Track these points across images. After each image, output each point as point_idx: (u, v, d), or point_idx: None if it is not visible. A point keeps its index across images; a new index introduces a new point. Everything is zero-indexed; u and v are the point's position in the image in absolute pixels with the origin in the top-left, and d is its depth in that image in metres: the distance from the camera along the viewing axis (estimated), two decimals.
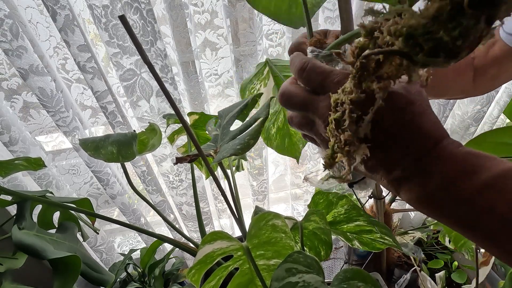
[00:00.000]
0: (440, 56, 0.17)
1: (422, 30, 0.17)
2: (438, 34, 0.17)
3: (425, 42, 0.17)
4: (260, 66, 0.62)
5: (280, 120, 0.62)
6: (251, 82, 0.63)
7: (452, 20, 0.16)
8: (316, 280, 0.32)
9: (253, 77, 0.63)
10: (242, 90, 0.64)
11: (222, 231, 0.43)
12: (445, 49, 0.17)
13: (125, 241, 1.22)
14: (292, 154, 0.66)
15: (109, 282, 0.53)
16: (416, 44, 0.18)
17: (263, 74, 0.62)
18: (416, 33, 0.17)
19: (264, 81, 0.62)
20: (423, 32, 0.17)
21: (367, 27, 0.20)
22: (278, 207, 1.31)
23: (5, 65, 0.73)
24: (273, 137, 0.64)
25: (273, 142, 0.65)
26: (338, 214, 0.60)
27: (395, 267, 0.98)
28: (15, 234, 0.43)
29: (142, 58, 0.31)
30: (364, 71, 0.21)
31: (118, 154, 0.49)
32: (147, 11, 0.66)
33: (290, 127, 0.31)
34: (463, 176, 0.20)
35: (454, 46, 0.17)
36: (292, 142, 0.65)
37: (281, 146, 0.65)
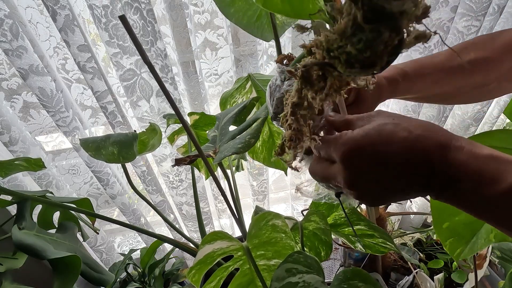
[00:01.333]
0: (355, 67, 0.19)
1: (335, 44, 0.19)
2: (347, 48, 0.18)
3: (340, 55, 0.19)
4: (242, 80, 0.62)
5: (265, 132, 0.62)
6: (232, 96, 0.63)
7: (354, 35, 0.18)
8: (316, 280, 0.32)
9: (234, 91, 0.63)
10: (222, 104, 0.64)
11: (222, 231, 0.43)
12: (357, 60, 0.18)
13: (125, 241, 1.22)
14: (280, 166, 0.66)
15: (109, 282, 0.52)
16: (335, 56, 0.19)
17: (245, 88, 0.63)
18: (331, 47, 0.19)
19: (246, 95, 0.63)
20: (336, 47, 0.19)
21: (308, 46, 0.22)
22: (278, 207, 1.31)
23: (5, 65, 0.73)
24: (259, 150, 0.64)
25: (260, 155, 0.65)
26: (339, 217, 0.60)
27: (391, 271, 0.98)
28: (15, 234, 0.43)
29: (142, 58, 0.31)
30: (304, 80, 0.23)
31: (119, 154, 0.49)
32: (147, 11, 0.66)
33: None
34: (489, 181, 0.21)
35: (363, 57, 0.18)
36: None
37: (268, 159, 0.65)
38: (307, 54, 0.23)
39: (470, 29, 0.78)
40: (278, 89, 0.31)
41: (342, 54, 0.19)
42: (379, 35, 0.17)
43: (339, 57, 0.19)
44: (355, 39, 0.18)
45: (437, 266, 1.01)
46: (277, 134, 0.63)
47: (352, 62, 0.19)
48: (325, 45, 0.20)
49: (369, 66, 0.18)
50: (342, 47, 0.19)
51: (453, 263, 1.01)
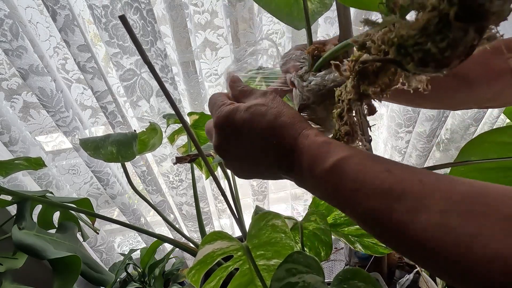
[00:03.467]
0: (429, 66, 0.18)
1: (412, 41, 0.18)
2: (426, 46, 0.17)
3: (415, 52, 0.18)
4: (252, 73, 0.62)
5: None
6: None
7: (439, 33, 0.17)
8: (316, 280, 0.32)
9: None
10: None
11: (222, 231, 0.43)
12: (434, 59, 0.17)
13: (125, 241, 1.22)
14: None
15: (109, 282, 0.53)
16: (407, 53, 0.18)
17: (255, 81, 0.62)
18: (406, 43, 0.18)
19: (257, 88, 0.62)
20: (413, 43, 0.18)
21: (359, 41, 0.22)
22: (278, 207, 1.31)
23: (5, 65, 0.73)
24: None
25: None
26: (339, 216, 0.60)
27: (396, 269, 0.98)
28: (15, 234, 0.43)
29: (142, 58, 0.31)
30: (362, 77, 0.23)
31: (118, 154, 0.49)
32: (147, 11, 0.66)
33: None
34: (317, 162, 0.24)
35: (442, 57, 0.17)
36: None
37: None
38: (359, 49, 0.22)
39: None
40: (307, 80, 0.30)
41: (417, 52, 0.18)
42: (465, 34, 0.16)
43: (413, 54, 0.18)
44: (438, 37, 0.17)
45: None
46: None
47: (428, 61, 0.18)
48: (396, 40, 0.18)
49: (443, 66, 0.18)
50: (419, 44, 0.17)
51: None
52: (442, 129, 1.04)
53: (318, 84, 0.29)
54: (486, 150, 0.32)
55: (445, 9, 0.16)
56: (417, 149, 1.04)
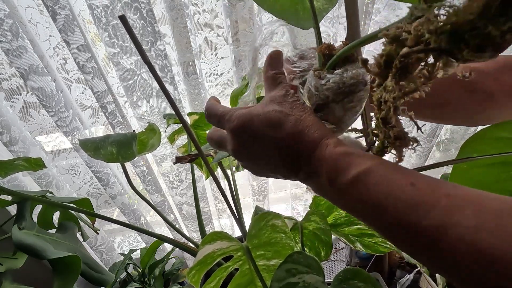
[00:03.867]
0: (486, 51, 0.17)
1: (468, 26, 0.17)
2: (486, 29, 0.16)
3: (472, 38, 0.17)
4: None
5: None
6: (243, 93, 0.63)
7: (502, 15, 0.16)
8: (316, 280, 0.32)
9: (244, 88, 0.62)
10: (232, 101, 0.64)
11: (222, 231, 0.43)
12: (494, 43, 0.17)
13: (125, 241, 1.22)
14: None
15: (109, 282, 0.52)
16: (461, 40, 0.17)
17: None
18: (461, 30, 0.17)
19: (256, 90, 0.62)
20: (469, 29, 0.17)
21: (390, 34, 0.21)
22: (278, 207, 1.31)
23: (5, 65, 0.73)
24: None
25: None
26: (339, 216, 0.60)
27: (397, 269, 0.98)
28: (15, 234, 0.43)
29: (142, 58, 0.31)
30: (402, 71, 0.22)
31: (118, 154, 0.49)
32: (147, 11, 0.66)
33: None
34: (338, 174, 0.23)
35: (502, 40, 0.16)
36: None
37: None
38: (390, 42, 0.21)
39: None
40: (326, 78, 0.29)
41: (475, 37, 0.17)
42: None
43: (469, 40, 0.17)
44: (502, 18, 0.16)
45: None
46: None
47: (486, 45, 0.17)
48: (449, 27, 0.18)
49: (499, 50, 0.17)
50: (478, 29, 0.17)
51: None
52: (442, 129, 1.04)
53: (337, 82, 0.28)
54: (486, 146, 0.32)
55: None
56: (417, 149, 1.04)
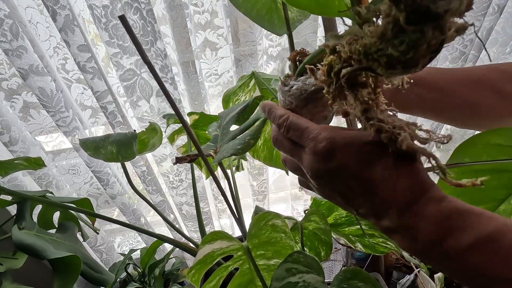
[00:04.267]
0: (397, 68, 0.18)
1: (374, 48, 0.18)
2: (388, 51, 0.18)
3: (380, 57, 0.18)
4: (245, 78, 0.62)
5: (267, 131, 0.62)
6: (235, 94, 0.63)
7: (396, 37, 0.17)
8: (316, 280, 0.32)
9: (237, 89, 0.62)
10: (224, 101, 0.64)
11: (222, 231, 0.43)
12: (399, 62, 0.18)
13: (125, 241, 1.22)
14: (280, 165, 0.65)
15: (109, 282, 0.52)
16: (374, 59, 0.19)
17: (249, 86, 0.62)
18: (370, 51, 0.19)
19: (249, 93, 0.63)
20: (375, 50, 0.18)
21: (330, 45, 0.22)
22: (278, 207, 1.31)
23: (5, 65, 0.73)
24: (260, 149, 0.64)
25: (260, 154, 0.64)
26: (339, 216, 0.60)
27: (393, 270, 0.98)
28: (15, 234, 0.43)
29: (142, 58, 0.31)
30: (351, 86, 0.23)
31: (118, 154, 0.49)
32: (147, 11, 0.66)
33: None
34: (449, 236, 0.20)
35: (405, 59, 0.17)
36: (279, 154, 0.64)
37: (269, 157, 0.64)
38: (330, 53, 0.23)
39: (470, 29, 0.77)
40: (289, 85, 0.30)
41: (382, 57, 0.18)
42: (422, 35, 0.16)
43: (379, 60, 0.19)
44: (396, 41, 0.17)
45: None
46: None
47: (394, 64, 0.18)
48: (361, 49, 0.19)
49: (411, 66, 0.18)
50: (382, 50, 0.18)
51: None
52: (442, 129, 1.04)
53: (299, 88, 0.29)
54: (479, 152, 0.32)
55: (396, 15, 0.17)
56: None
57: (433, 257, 0.21)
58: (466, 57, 0.83)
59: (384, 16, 0.17)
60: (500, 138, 0.31)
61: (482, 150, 0.32)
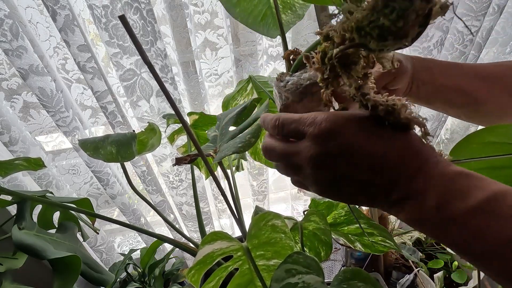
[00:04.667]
0: (388, 39, 0.19)
1: (367, 21, 0.19)
2: (379, 21, 0.19)
3: (372, 30, 0.19)
4: (243, 83, 0.63)
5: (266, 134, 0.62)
6: (234, 98, 0.63)
7: (387, 6, 0.18)
8: (316, 280, 0.31)
9: (236, 93, 0.63)
10: (224, 106, 0.64)
11: (222, 231, 0.43)
12: (390, 32, 0.19)
13: (125, 241, 1.22)
14: None
15: (109, 282, 0.52)
16: (366, 34, 0.20)
17: (247, 90, 0.63)
18: (362, 25, 0.20)
19: (247, 97, 0.63)
20: (368, 23, 0.19)
21: (323, 32, 0.23)
22: (278, 207, 1.31)
23: (5, 65, 0.73)
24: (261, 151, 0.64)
25: (261, 156, 0.65)
26: (338, 215, 0.60)
27: (392, 269, 0.98)
28: (15, 234, 0.43)
29: (142, 58, 0.31)
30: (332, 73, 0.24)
31: (117, 154, 0.49)
32: (147, 11, 0.66)
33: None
34: (455, 197, 0.20)
35: (396, 28, 0.19)
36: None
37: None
38: (323, 40, 0.23)
39: (470, 28, 0.77)
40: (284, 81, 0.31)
41: (374, 29, 0.19)
42: (411, 3, 0.18)
43: (371, 33, 0.19)
44: (387, 10, 0.18)
45: (437, 266, 1.01)
46: None
47: (385, 35, 0.19)
48: (354, 25, 0.20)
49: (402, 37, 0.19)
50: (374, 22, 0.19)
51: (453, 263, 1.01)
52: (442, 129, 1.04)
53: (294, 83, 0.30)
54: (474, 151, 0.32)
55: None
56: None
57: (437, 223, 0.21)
58: (466, 57, 0.83)
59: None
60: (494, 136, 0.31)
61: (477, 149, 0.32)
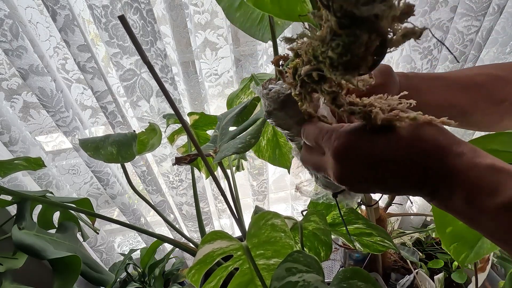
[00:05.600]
0: (339, 69, 0.19)
1: (319, 50, 0.20)
2: (328, 53, 0.19)
3: (324, 59, 0.20)
4: (246, 81, 0.63)
5: (269, 131, 0.63)
6: (238, 97, 0.64)
7: (332, 40, 0.18)
8: (316, 279, 0.32)
9: (240, 92, 0.64)
10: (228, 104, 0.65)
11: (222, 231, 0.43)
12: (339, 63, 0.19)
13: (125, 241, 1.22)
14: (283, 164, 0.66)
15: (109, 282, 0.53)
16: (320, 61, 0.20)
17: (250, 89, 0.64)
18: (317, 53, 0.20)
19: (251, 95, 0.64)
20: (320, 52, 0.20)
21: (295, 49, 0.23)
22: (278, 207, 1.31)
23: (5, 65, 0.73)
24: (264, 149, 0.65)
25: (265, 154, 0.65)
26: (337, 216, 0.60)
27: (391, 271, 0.98)
28: (15, 234, 0.43)
29: (142, 58, 0.31)
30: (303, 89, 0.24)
31: (118, 154, 0.49)
32: (147, 11, 0.66)
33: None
34: (487, 193, 0.20)
35: (343, 61, 0.19)
36: (282, 153, 0.65)
37: (273, 157, 0.66)
38: (294, 56, 0.24)
39: (470, 29, 0.78)
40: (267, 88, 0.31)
41: (325, 59, 0.19)
42: (357, 38, 0.17)
43: (324, 61, 0.20)
44: (334, 43, 0.18)
45: (437, 266, 1.01)
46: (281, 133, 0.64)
47: (336, 65, 0.19)
48: (311, 51, 0.20)
49: (353, 68, 0.19)
50: (324, 52, 0.19)
51: (453, 263, 1.01)
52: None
53: (276, 91, 0.30)
54: None
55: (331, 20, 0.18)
56: None
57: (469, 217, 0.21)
58: (466, 57, 0.83)
59: (324, 21, 0.18)
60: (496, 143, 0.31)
61: None
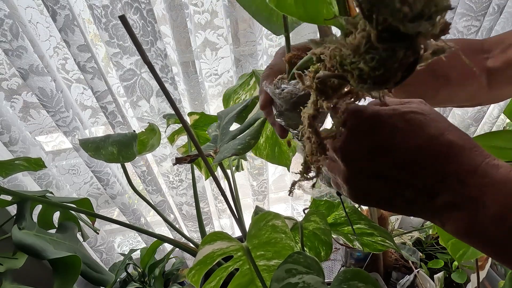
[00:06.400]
0: (367, 83, 0.18)
1: (349, 59, 0.19)
2: (360, 64, 0.18)
3: (353, 70, 0.19)
4: (246, 77, 0.62)
5: (268, 129, 0.62)
6: (236, 92, 0.63)
7: (368, 53, 0.17)
8: (316, 280, 0.32)
9: (238, 87, 0.63)
10: (225, 100, 0.64)
11: (222, 231, 0.43)
12: (370, 77, 0.18)
13: (125, 241, 1.22)
14: (282, 162, 0.65)
15: (109, 282, 0.52)
16: (348, 70, 0.19)
17: (249, 85, 0.63)
18: (345, 62, 0.19)
19: (250, 92, 0.63)
20: (350, 62, 0.19)
21: (317, 53, 0.22)
22: (278, 207, 1.31)
23: (5, 65, 0.73)
24: (262, 146, 0.64)
25: (263, 151, 0.64)
26: (339, 216, 0.60)
27: (392, 270, 0.98)
28: (15, 234, 0.43)
29: (142, 58, 0.31)
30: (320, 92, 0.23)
31: (119, 154, 0.49)
32: (147, 11, 0.66)
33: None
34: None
35: (375, 75, 0.18)
36: (281, 151, 0.64)
37: (271, 155, 0.64)
38: (316, 61, 0.23)
39: (470, 29, 0.78)
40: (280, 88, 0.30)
41: (355, 69, 0.18)
42: (393, 54, 0.17)
43: (352, 72, 0.19)
44: (368, 56, 0.17)
45: (437, 266, 1.01)
46: None
47: (365, 78, 0.18)
48: (338, 59, 0.19)
49: (382, 83, 0.18)
50: (355, 63, 0.18)
51: (453, 263, 1.01)
52: None
53: (289, 92, 0.29)
54: None
55: (369, 31, 0.17)
56: None
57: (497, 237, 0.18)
58: None
59: (359, 30, 0.18)
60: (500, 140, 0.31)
61: None
